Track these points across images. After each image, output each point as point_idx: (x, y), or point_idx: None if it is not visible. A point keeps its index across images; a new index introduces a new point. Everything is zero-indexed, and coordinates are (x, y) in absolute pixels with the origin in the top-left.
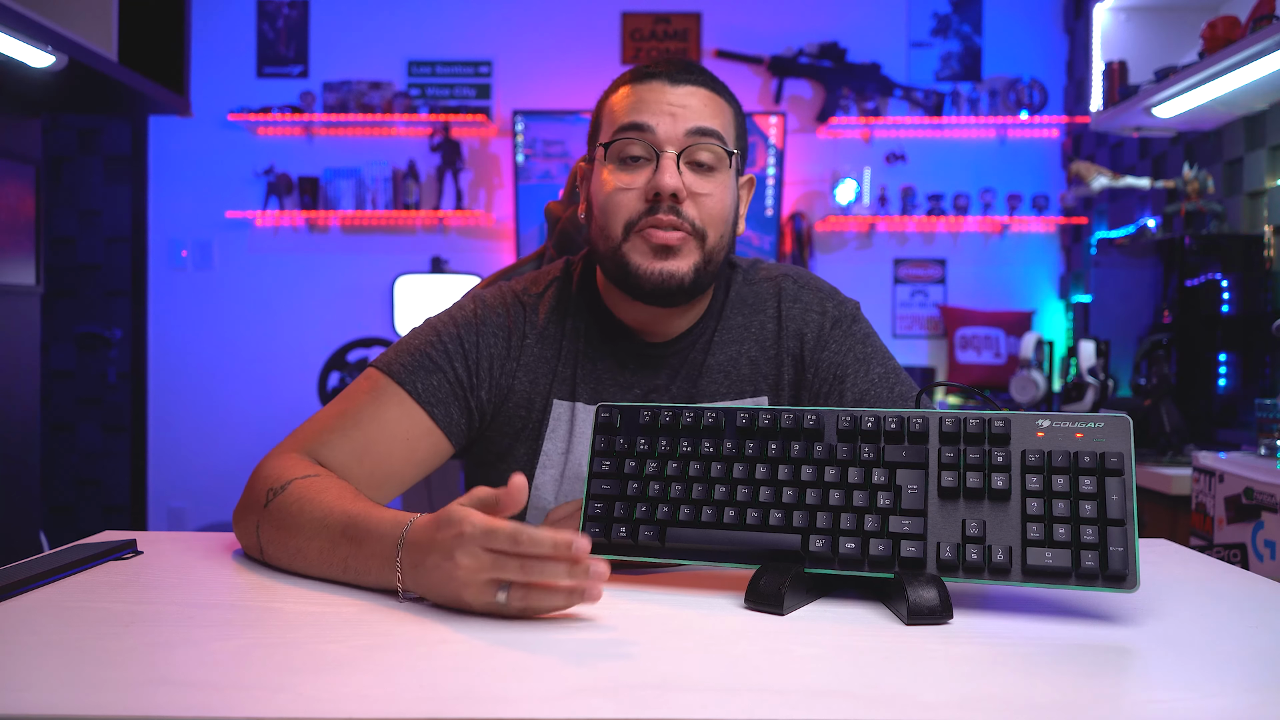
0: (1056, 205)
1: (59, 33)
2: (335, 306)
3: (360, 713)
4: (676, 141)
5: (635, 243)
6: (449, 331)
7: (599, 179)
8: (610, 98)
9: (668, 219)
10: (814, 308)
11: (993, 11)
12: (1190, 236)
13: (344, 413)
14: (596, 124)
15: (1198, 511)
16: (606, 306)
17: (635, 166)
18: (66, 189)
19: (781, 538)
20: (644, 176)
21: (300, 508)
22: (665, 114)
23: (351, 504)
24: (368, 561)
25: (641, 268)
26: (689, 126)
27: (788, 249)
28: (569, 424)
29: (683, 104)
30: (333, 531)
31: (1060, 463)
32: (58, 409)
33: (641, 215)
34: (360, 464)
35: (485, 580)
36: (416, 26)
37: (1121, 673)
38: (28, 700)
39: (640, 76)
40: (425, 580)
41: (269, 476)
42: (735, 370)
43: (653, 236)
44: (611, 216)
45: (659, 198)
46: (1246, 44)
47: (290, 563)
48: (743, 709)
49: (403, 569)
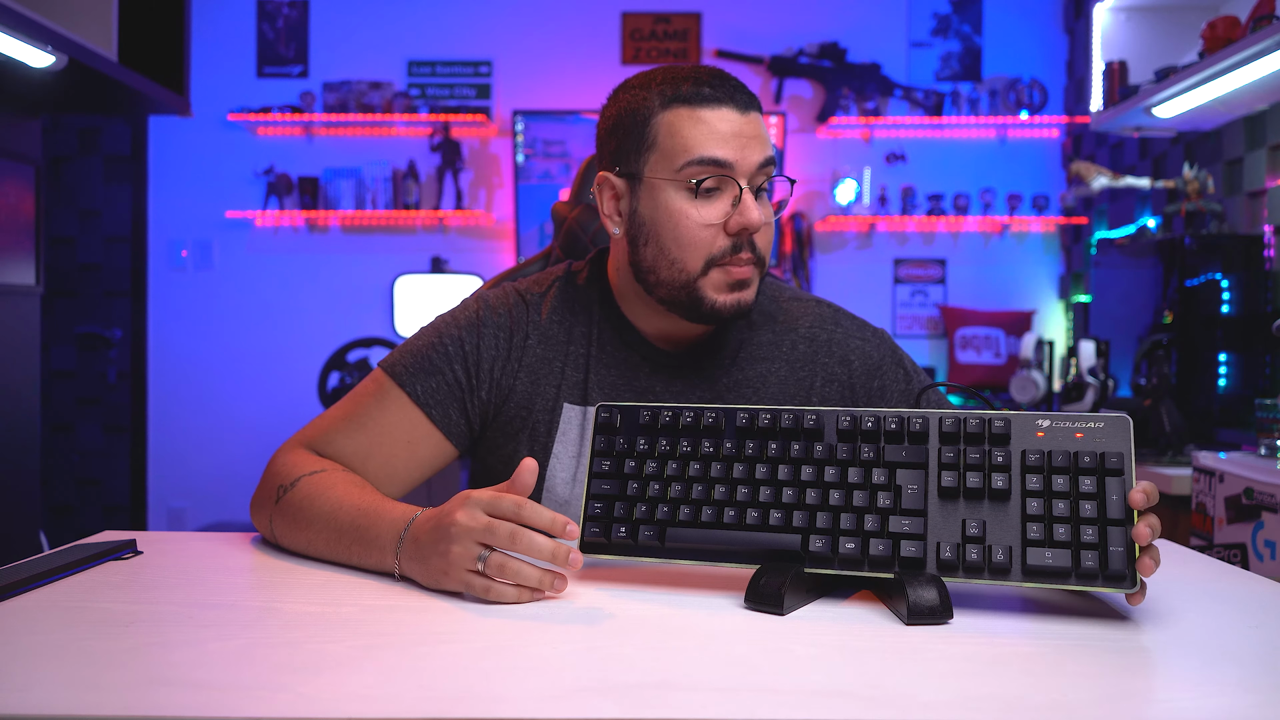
0: (1056, 205)
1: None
2: (335, 306)
3: (360, 713)
4: (752, 173)
5: (714, 277)
6: (451, 333)
7: (670, 207)
8: (664, 115)
9: (748, 255)
10: (855, 334)
11: (993, 11)
12: (1190, 236)
13: (350, 414)
14: (641, 138)
15: (1198, 511)
16: (621, 312)
17: (711, 198)
18: (66, 189)
19: (781, 538)
20: (722, 209)
21: (309, 504)
22: (740, 147)
23: (359, 498)
24: (370, 549)
25: (718, 301)
26: (760, 159)
27: (788, 249)
28: (580, 428)
29: (753, 134)
30: (341, 524)
31: (1060, 463)
32: (58, 409)
33: (725, 252)
34: (365, 464)
35: (473, 541)
36: (416, 26)
37: (1121, 673)
38: (28, 700)
39: (703, 100)
40: (420, 552)
41: (279, 473)
42: (764, 386)
43: (733, 274)
44: (690, 250)
45: (741, 235)
46: (1246, 44)
47: (303, 551)
48: (743, 709)
49: (401, 553)
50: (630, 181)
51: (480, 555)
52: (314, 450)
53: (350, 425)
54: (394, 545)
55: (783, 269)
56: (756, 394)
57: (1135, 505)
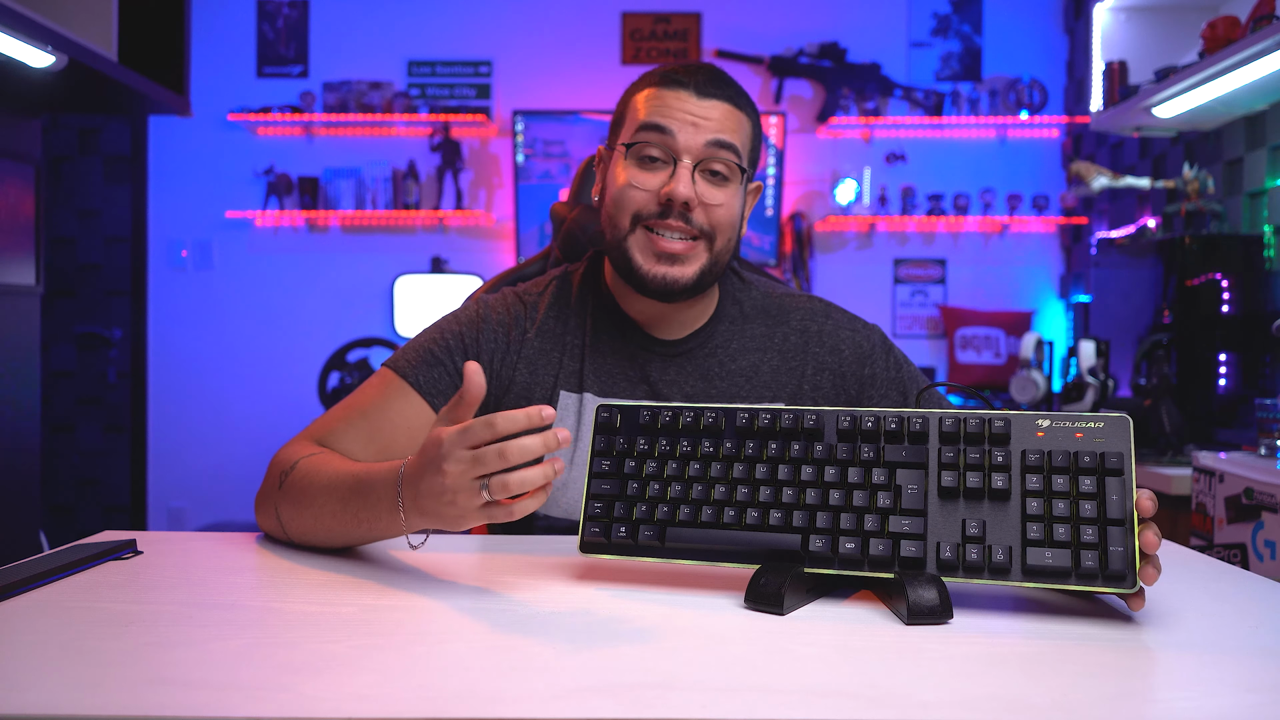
0: (1056, 205)
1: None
2: (335, 306)
3: (360, 713)
4: (695, 151)
5: (640, 239)
6: (452, 330)
7: (615, 171)
8: (636, 95)
9: (676, 224)
10: (845, 325)
11: (993, 11)
12: (1190, 236)
13: (352, 406)
14: (620, 117)
15: (1198, 511)
16: (615, 303)
17: (652, 167)
18: (66, 189)
19: (781, 538)
20: (659, 179)
21: (310, 480)
22: (688, 123)
23: (353, 465)
24: (376, 509)
25: (644, 268)
26: (708, 138)
27: (788, 249)
28: (577, 414)
29: (705, 116)
30: (341, 491)
31: (1060, 462)
32: (58, 409)
33: (651, 215)
34: (366, 452)
35: (472, 480)
36: (416, 26)
37: (1121, 673)
38: (28, 700)
39: (669, 81)
40: (423, 505)
41: (280, 463)
42: (756, 377)
43: (658, 244)
44: (621, 209)
45: (670, 204)
46: (1246, 44)
47: (311, 532)
48: (743, 709)
49: (404, 505)
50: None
51: (482, 486)
52: (315, 441)
53: (353, 415)
54: (395, 501)
55: (783, 269)
56: (749, 383)
57: (1145, 513)
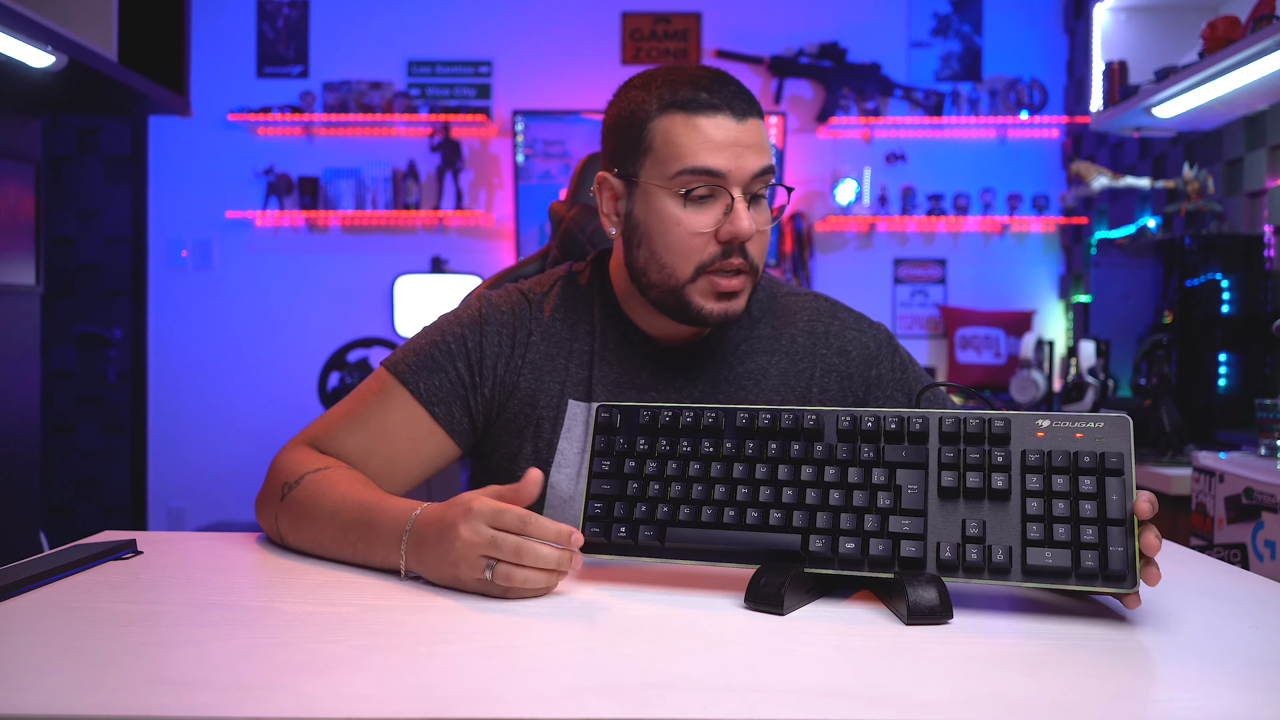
0: (1056, 205)
1: (59, 33)
2: (335, 306)
3: (360, 713)
4: (744, 183)
5: (702, 285)
6: (453, 331)
7: (659, 212)
8: (663, 121)
9: (737, 262)
10: (851, 326)
11: (993, 11)
12: (1190, 236)
13: (353, 412)
14: (639, 141)
15: (1198, 511)
16: (622, 310)
17: (703, 205)
18: (66, 189)
19: (781, 538)
20: (714, 217)
21: (313, 501)
22: (735, 156)
23: (361, 494)
24: (375, 545)
25: (705, 308)
26: (755, 168)
27: (788, 249)
28: (585, 424)
29: (748, 143)
30: (344, 519)
31: (1060, 463)
32: (58, 409)
33: (715, 259)
34: (367, 462)
35: (478, 555)
36: (416, 26)
37: (1121, 673)
38: (28, 700)
39: (702, 107)
40: (425, 556)
41: (283, 471)
42: (764, 379)
43: (720, 285)
44: (680, 257)
45: (730, 243)
46: (1246, 44)
47: (308, 548)
48: (743, 709)
49: (406, 549)
50: (627, 184)
51: (488, 565)
52: (317, 448)
53: (353, 423)
54: (398, 543)
55: (783, 269)
56: (757, 387)
57: (1143, 516)
